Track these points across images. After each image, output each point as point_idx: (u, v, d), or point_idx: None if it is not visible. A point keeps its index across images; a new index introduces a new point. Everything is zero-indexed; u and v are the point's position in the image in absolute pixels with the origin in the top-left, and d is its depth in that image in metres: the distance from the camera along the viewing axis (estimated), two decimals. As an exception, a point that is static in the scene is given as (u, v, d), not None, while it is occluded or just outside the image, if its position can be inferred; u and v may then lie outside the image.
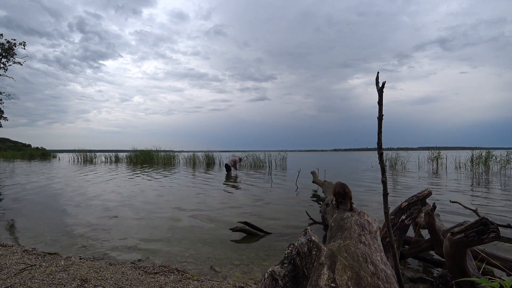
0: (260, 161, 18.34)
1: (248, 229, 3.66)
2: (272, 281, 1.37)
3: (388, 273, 1.40)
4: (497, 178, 10.32)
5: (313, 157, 41.42)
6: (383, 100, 1.49)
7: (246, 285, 2.27)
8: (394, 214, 2.62)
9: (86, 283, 2.16)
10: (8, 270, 2.37)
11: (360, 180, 10.06)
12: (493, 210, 4.87)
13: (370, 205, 5.43)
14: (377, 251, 1.69)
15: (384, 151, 1.57)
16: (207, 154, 20.55)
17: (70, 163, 23.64)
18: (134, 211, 5.07)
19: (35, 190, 7.54)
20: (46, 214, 4.84)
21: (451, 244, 1.66)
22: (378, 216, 4.08)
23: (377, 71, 1.55)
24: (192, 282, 2.25)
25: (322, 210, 4.27)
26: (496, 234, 1.51)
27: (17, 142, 78.17)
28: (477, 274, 1.85)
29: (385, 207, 1.56)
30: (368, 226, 2.10)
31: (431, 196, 2.80)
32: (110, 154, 25.96)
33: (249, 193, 7.20)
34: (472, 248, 2.23)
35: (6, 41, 27.03)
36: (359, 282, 1.17)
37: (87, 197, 6.49)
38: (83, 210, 5.14)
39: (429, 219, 2.35)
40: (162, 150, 23.60)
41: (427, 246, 2.51)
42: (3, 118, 29.16)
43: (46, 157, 36.98)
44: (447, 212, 4.66)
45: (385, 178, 1.55)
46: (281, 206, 5.51)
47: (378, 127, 1.51)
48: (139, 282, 2.22)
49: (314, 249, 1.39)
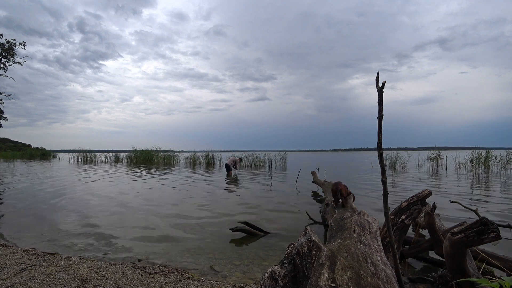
0: (260, 161, 18.34)
1: (248, 229, 3.66)
2: (272, 281, 1.37)
3: (388, 273, 1.40)
4: (497, 178, 10.32)
5: (313, 157, 41.42)
6: (383, 100, 1.49)
7: (246, 285, 2.27)
8: (394, 214, 2.62)
9: (86, 283, 2.16)
10: (8, 270, 2.37)
11: (360, 180, 10.06)
12: (493, 210, 4.87)
13: (370, 205, 5.42)
14: (377, 251, 1.69)
15: (384, 151, 1.57)
16: (207, 154, 20.54)
17: (70, 163, 23.64)
18: (134, 211, 5.07)
19: (35, 190, 7.54)
20: (46, 214, 4.84)
21: (451, 244, 1.66)
22: (378, 216, 4.08)
23: (377, 71, 1.54)
24: (192, 282, 2.25)
25: (322, 210, 4.27)
26: (496, 234, 1.51)
27: (17, 142, 78.14)
28: (477, 274, 1.85)
29: (385, 207, 1.56)
30: (368, 226, 2.10)
31: (431, 196, 2.79)
32: (110, 154, 25.97)
33: (249, 193, 7.19)
34: (472, 248, 2.23)
35: (6, 41, 27.04)
36: (359, 282, 1.17)
37: (87, 197, 6.49)
38: (83, 210, 5.14)
39: (429, 219, 2.35)
40: (162, 150, 23.62)
41: (427, 246, 2.51)
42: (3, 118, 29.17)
43: (46, 157, 36.97)
44: (447, 212, 4.66)
45: (385, 178, 1.55)
46: (281, 206, 5.51)
47: (378, 127, 1.51)
48: (139, 282, 2.22)
49: (314, 249, 1.39)
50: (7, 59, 27.77)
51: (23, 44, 27.76)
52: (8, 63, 27.90)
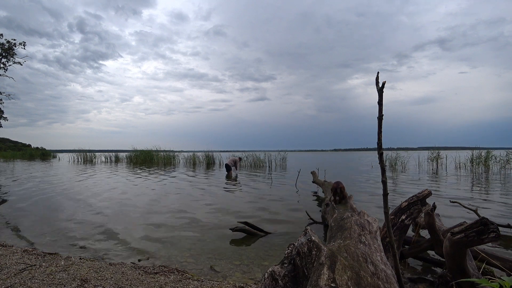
0: (260, 161, 18.34)
1: (248, 229, 3.66)
2: (272, 281, 1.37)
3: (388, 273, 1.40)
4: (497, 178, 10.32)
5: (313, 157, 41.42)
6: (383, 100, 1.49)
7: (246, 285, 2.27)
8: (394, 214, 2.61)
9: (86, 283, 2.16)
10: (8, 270, 2.37)
11: (360, 180, 10.06)
12: (493, 210, 4.87)
13: (369, 205, 5.42)
14: (377, 251, 1.69)
15: (384, 151, 1.57)
16: (207, 154, 20.55)
17: (70, 163, 23.64)
18: (134, 211, 5.07)
19: (35, 190, 7.53)
20: (46, 214, 4.84)
21: (451, 244, 1.66)
22: (378, 216, 4.08)
23: (376, 71, 1.54)
24: (192, 282, 2.25)
25: (322, 210, 4.27)
26: (496, 234, 1.51)
27: (17, 142, 78.13)
28: (477, 274, 1.85)
29: (385, 207, 1.56)
30: (368, 226, 2.10)
31: (431, 196, 2.79)
32: (110, 154, 25.97)
33: (249, 193, 7.19)
34: (472, 248, 2.22)
35: (6, 41, 27.03)
36: (359, 282, 1.16)
37: (87, 197, 6.49)
38: (84, 210, 5.14)
39: (429, 219, 2.35)
40: (162, 150, 23.61)
41: (427, 246, 2.51)
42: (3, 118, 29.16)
43: (46, 157, 36.98)
44: (447, 212, 4.66)
45: (385, 178, 1.55)
46: (281, 206, 5.51)
47: (378, 127, 1.51)
48: (139, 282, 2.22)
49: (314, 249, 1.39)
50: (7, 59, 27.76)
51: (23, 44, 27.74)
52: (8, 63, 27.89)
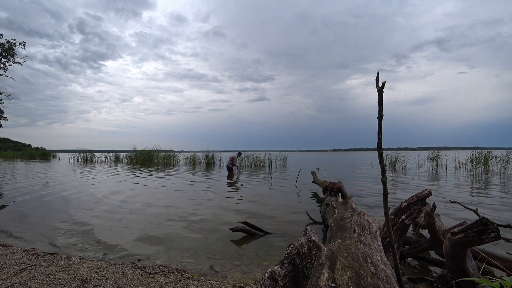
0: (260, 161, 18.33)
1: (248, 229, 3.66)
2: (272, 281, 1.37)
3: (388, 273, 1.40)
4: (497, 178, 10.32)
5: (313, 157, 41.41)
6: (383, 100, 1.49)
7: (246, 285, 2.27)
8: (394, 214, 2.61)
9: (86, 283, 2.16)
10: (8, 270, 2.37)
11: (360, 180, 10.06)
12: (493, 210, 4.87)
13: (369, 205, 5.42)
14: (377, 251, 1.69)
15: (384, 151, 1.57)
16: (207, 154, 20.55)
17: (70, 163, 23.64)
18: (134, 211, 5.07)
19: (35, 190, 7.53)
20: (46, 214, 4.84)
21: (451, 244, 1.66)
22: (378, 216, 4.08)
23: (375, 72, 1.54)
24: (192, 282, 2.25)
25: (322, 210, 4.27)
26: (496, 234, 1.51)
27: (17, 142, 78.10)
28: (477, 274, 1.85)
29: (385, 207, 1.56)
30: (368, 226, 2.10)
31: (431, 196, 2.79)
32: (110, 154, 25.97)
33: (249, 193, 7.20)
34: (472, 248, 2.23)
35: (6, 41, 27.04)
36: (359, 282, 1.16)
37: (87, 197, 6.49)
38: (83, 210, 5.13)
39: (429, 219, 2.35)
40: (162, 150, 23.60)
41: (427, 246, 2.51)
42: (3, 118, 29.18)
43: (46, 157, 36.97)
44: (447, 212, 4.66)
45: (385, 178, 1.55)
46: (281, 206, 5.51)
47: (378, 127, 1.51)
48: (139, 282, 2.22)
49: (314, 249, 1.39)
50: (7, 59, 27.77)
51: (23, 44, 27.77)
52: (8, 63, 27.91)
